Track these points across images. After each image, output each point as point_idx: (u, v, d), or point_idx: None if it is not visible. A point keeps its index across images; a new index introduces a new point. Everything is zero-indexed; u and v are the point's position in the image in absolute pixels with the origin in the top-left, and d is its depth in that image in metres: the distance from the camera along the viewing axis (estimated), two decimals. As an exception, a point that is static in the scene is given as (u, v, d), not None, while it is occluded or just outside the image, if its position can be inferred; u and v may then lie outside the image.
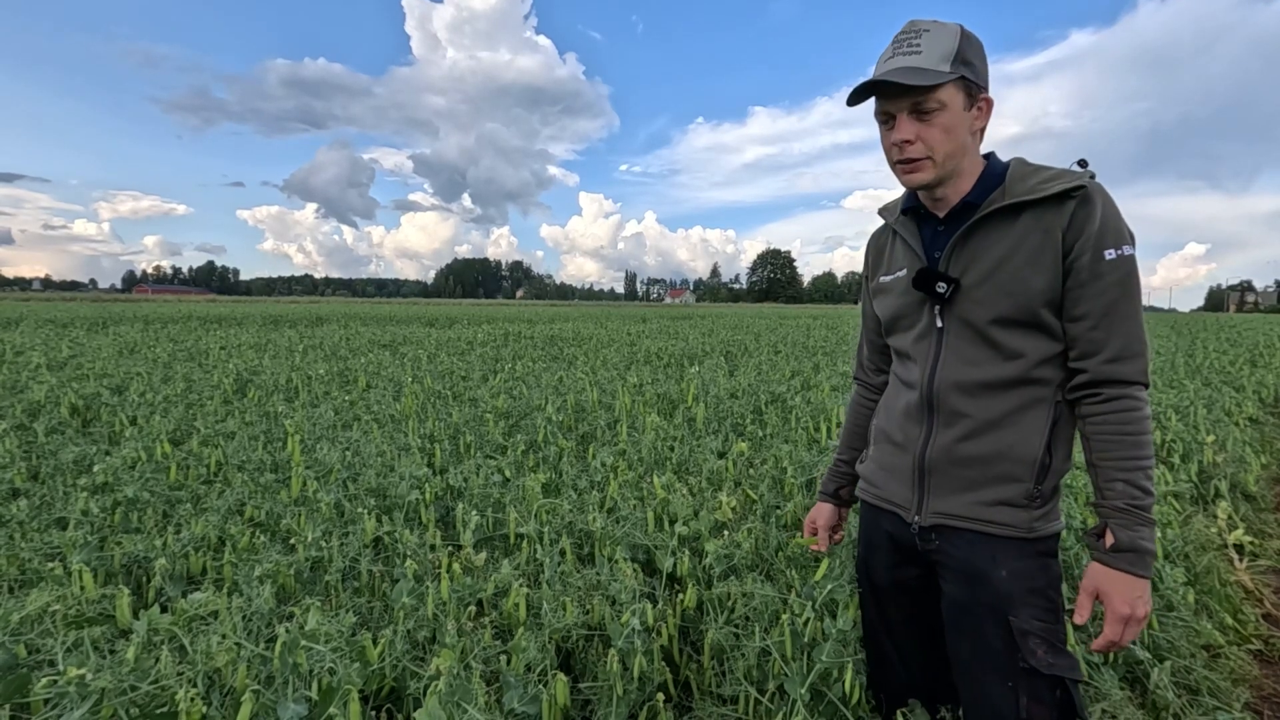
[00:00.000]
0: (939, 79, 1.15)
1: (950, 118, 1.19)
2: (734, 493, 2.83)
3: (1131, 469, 1.16)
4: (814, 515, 1.69)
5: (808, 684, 1.59)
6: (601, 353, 8.78)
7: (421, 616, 1.64)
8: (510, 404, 4.50)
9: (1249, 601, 3.46)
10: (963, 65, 1.17)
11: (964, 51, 1.17)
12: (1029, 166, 1.25)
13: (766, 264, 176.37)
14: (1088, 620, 1.17)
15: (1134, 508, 1.14)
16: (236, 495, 2.52)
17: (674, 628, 2.17)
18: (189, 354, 8.44)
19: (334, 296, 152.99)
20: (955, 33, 1.18)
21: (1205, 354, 9.87)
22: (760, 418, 4.37)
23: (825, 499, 1.67)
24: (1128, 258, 1.16)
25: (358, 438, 3.52)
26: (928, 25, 1.19)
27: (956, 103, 1.18)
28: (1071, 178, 1.17)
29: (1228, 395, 6.46)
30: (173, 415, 4.28)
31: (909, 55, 1.18)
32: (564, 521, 2.50)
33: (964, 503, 1.26)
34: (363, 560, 2.07)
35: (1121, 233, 1.16)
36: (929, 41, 1.17)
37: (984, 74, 1.22)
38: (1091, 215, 1.15)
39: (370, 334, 13.22)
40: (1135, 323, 1.17)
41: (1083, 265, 1.16)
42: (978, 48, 1.21)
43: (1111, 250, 1.15)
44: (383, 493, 2.67)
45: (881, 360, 1.59)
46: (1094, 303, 1.17)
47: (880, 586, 1.49)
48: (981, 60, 1.21)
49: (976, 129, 1.24)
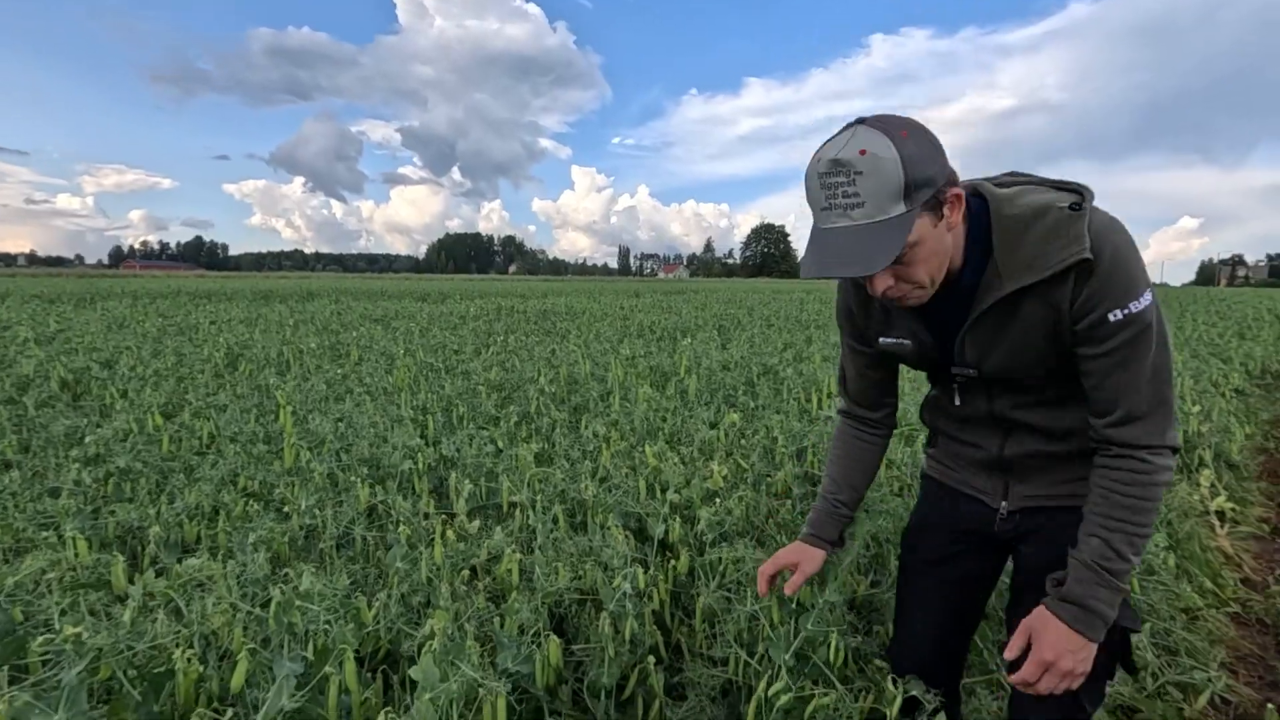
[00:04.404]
0: (897, 244, 0.97)
1: (926, 247, 1.04)
2: (725, 461, 2.85)
3: (1114, 529, 1.09)
4: (799, 560, 1.44)
5: (792, 650, 1.62)
6: (594, 326, 8.78)
7: (415, 581, 1.66)
8: (503, 376, 4.51)
9: (1229, 566, 3.54)
10: (917, 190, 0.98)
11: (912, 172, 0.96)
12: (1013, 218, 1.09)
13: (760, 239, 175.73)
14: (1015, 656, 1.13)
15: (1101, 567, 1.09)
16: (230, 466, 2.53)
17: (665, 593, 2.21)
18: (179, 329, 8.38)
19: (325, 272, 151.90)
20: (894, 160, 0.95)
21: (1194, 326, 9.95)
22: (752, 389, 4.39)
23: (819, 543, 1.46)
24: (1137, 314, 1.04)
25: (350, 410, 3.52)
26: (859, 162, 0.96)
27: (925, 229, 1.02)
28: (1067, 244, 1.03)
29: (1215, 367, 6.53)
30: (164, 389, 4.27)
31: (849, 210, 0.98)
32: (556, 490, 2.52)
33: (1050, 485, 1.26)
34: (357, 527, 2.09)
35: (1130, 287, 1.03)
36: (868, 185, 0.96)
37: (941, 168, 1.01)
38: (1097, 281, 1.04)
39: (362, 308, 13.16)
40: (1148, 381, 1.07)
41: (1089, 329, 1.06)
42: (925, 146, 0.99)
43: (1117, 311, 1.04)
44: (376, 463, 2.68)
45: (883, 395, 1.44)
46: (1100, 363, 1.08)
47: (930, 561, 1.45)
48: (932, 157, 0.99)
49: (954, 226, 1.08)
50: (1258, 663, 2.78)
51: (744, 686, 1.84)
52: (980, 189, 1.15)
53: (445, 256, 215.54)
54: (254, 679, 1.24)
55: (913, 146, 0.97)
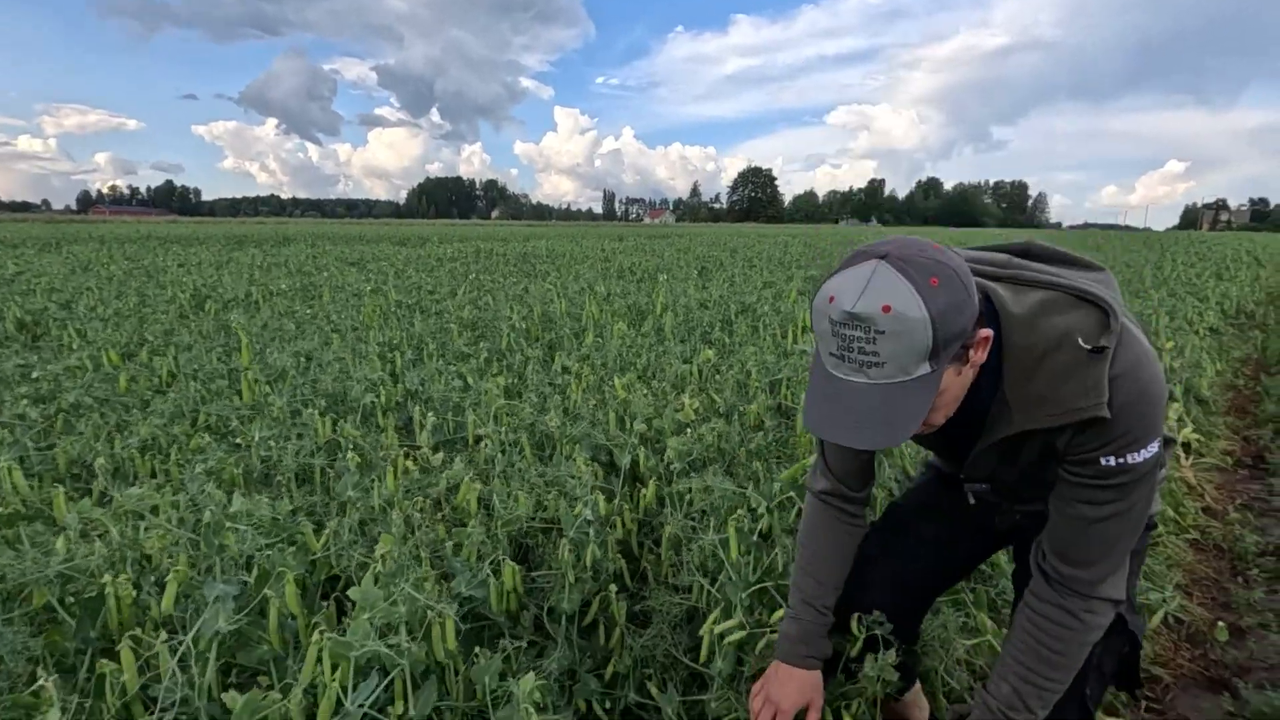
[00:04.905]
0: (922, 409, 0.85)
1: (947, 395, 0.93)
2: (697, 395, 2.82)
3: (1029, 680, 1.03)
4: (810, 698, 1.23)
5: (749, 590, 1.61)
6: (574, 268, 8.64)
7: (369, 508, 1.63)
8: (476, 314, 4.43)
9: (1190, 496, 3.61)
10: (946, 347, 0.84)
11: (943, 332, 0.82)
12: (1026, 350, 0.95)
13: (747, 182, 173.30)
14: None
15: (1006, 718, 1.04)
16: (185, 400, 2.46)
17: (631, 521, 2.20)
18: (146, 272, 8.14)
19: (303, 218, 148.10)
20: (924, 321, 0.81)
21: (1174, 267, 9.98)
22: (730, 327, 4.35)
23: (816, 664, 1.25)
24: (1134, 465, 0.93)
25: (317, 347, 3.44)
26: (882, 321, 0.81)
27: (950, 378, 0.90)
28: (1084, 393, 0.90)
29: (1190, 305, 6.57)
30: (125, 328, 4.15)
31: (865, 368, 0.85)
32: (524, 423, 2.48)
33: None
34: (317, 460, 2.04)
35: (1139, 436, 0.92)
36: (890, 347, 0.82)
37: (972, 311, 0.86)
38: (1105, 430, 0.93)
39: (338, 253, 12.86)
40: (1115, 531, 0.97)
41: (1079, 461, 0.97)
42: (956, 293, 0.84)
43: (1113, 458, 0.93)
44: (339, 398, 2.63)
45: (870, 471, 1.29)
46: (1075, 490, 0.98)
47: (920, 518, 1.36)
48: (963, 304, 0.84)
49: (978, 363, 0.94)
50: (1212, 585, 2.86)
51: (706, 614, 1.85)
52: (991, 296, 0.97)
53: (426, 201, 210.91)
54: (198, 603, 1.20)
55: (944, 299, 0.82)
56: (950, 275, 0.84)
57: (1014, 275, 0.99)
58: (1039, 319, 0.94)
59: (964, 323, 0.85)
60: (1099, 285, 0.97)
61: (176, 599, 1.13)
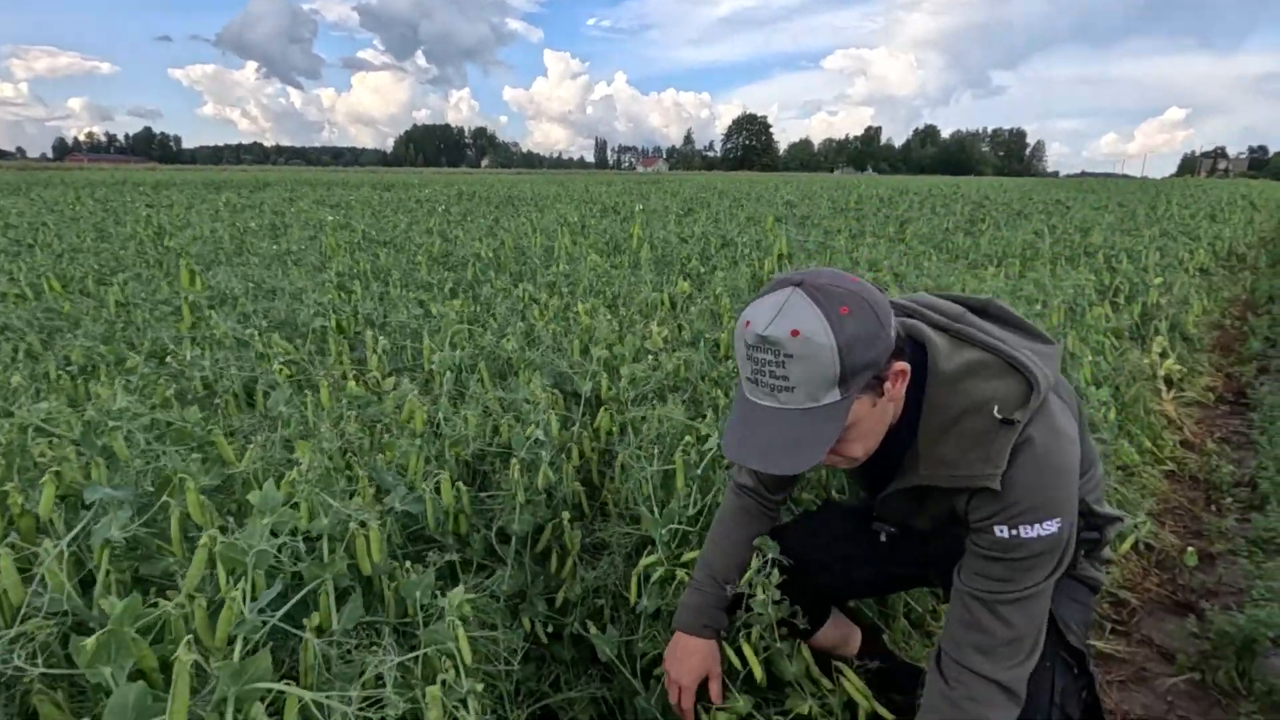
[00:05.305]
0: (829, 437, 0.86)
1: (863, 427, 0.93)
2: (666, 323, 2.72)
3: None
4: (708, 668, 1.27)
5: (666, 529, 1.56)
6: (556, 207, 8.41)
7: (302, 426, 1.54)
8: (446, 247, 4.27)
9: (1170, 429, 3.59)
10: (855, 377, 0.85)
11: (850, 361, 0.84)
12: (943, 409, 0.96)
13: (742, 130, 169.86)
14: None
15: None
16: (119, 322, 2.34)
17: (592, 450, 2.13)
18: (114, 214, 7.87)
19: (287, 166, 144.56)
20: (830, 349, 0.83)
21: (1168, 208, 9.83)
22: (709, 262, 4.22)
23: (713, 635, 1.28)
24: (1028, 540, 0.92)
25: (274, 275, 3.30)
26: (790, 344, 0.83)
27: (863, 410, 0.90)
28: (982, 462, 0.92)
29: (1182, 244, 6.47)
30: (80, 261, 3.98)
31: (776, 392, 0.87)
32: (483, 350, 2.38)
33: None
34: (260, 380, 1.94)
35: (1034, 512, 0.92)
36: (798, 371, 0.84)
37: (884, 344, 0.87)
38: (995, 501, 0.93)
39: (317, 195, 12.50)
40: (1010, 612, 0.95)
41: (976, 529, 0.97)
42: (867, 324, 0.85)
43: (1004, 529, 0.93)
44: (290, 324, 2.51)
45: (788, 485, 1.35)
46: (972, 563, 0.98)
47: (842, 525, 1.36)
48: (874, 336, 0.86)
49: (896, 398, 0.96)
50: (1184, 514, 2.85)
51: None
52: (927, 347, 0.98)
53: (414, 150, 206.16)
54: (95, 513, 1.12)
55: (852, 328, 0.84)
56: (862, 305, 0.86)
57: (959, 330, 1.00)
58: (963, 380, 0.95)
59: (874, 354, 0.86)
60: (1039, 358, 0.97)
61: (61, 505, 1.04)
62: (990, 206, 9.34)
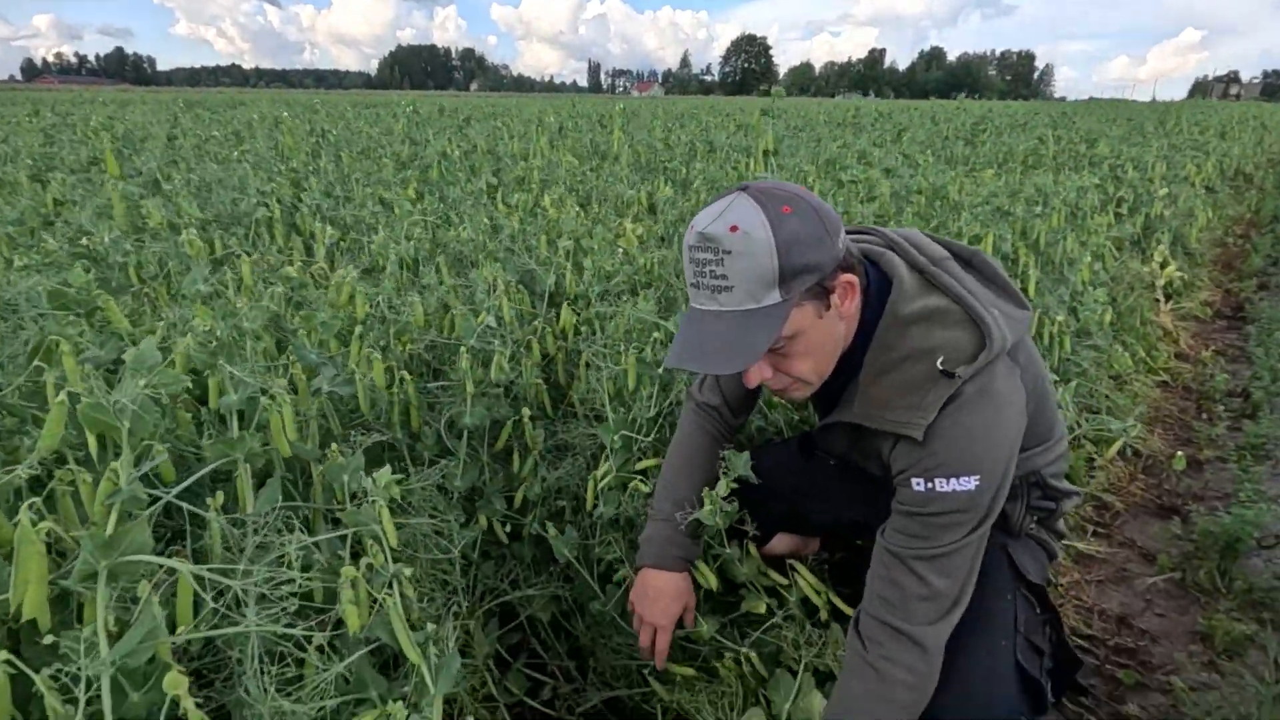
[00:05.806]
0: (765, 339, 0.84)
1: (809, 339, 0.91)
2: (640, 221, 2.55)
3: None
4: (685, 602, 1.21)
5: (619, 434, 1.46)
6: (539, 116, 8.01)
7: (225, 305, 1.39)
8: (415, 150, 4.02)
9: (1165, 341, 3.49)
10: (795, 278, 0.84)
11: (788, 258, 0.83)
12: (888, 349, 0.94)
13: (741, 52, 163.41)
14: None
15: None
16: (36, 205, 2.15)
17: (556, 348, 2.00)
18: (71, 126, 7.45)
19: (267, 89, 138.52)
20: (768, 243, 0.82)
21: (1177, 122, 9.47)
22: (693, 166, 3.99)
23: (683, 564, 1.22)
24: (945, 493, 0.88)
25: (225, 173, 3.08)
26: (728, 240, 0.82)
27: (807, 319, 0.88)
28: (912, 409, 0.90)
29: (1190, 157, 6.21)
30: (19, 163, 3.74)
31: (716, 293, 0.85)
32: (442, 245, 2.21)
33: None
34: (195, 269, 1.78)
35: (952, 467, 0.88)
36: (737, 268, 0.83)
37: (829, 251, 0.86)
38: (916, 451, 0.91)
39: (291, 114, 11.91)
40: (928, 566, 0.91)
41: (897, 478, 0.95)
42: (809, 226, 0.84)
43: (921, 480, 0.90)
44: (234, 217, 2.33)
45: (750, 405, 1.33)
46: (892, 520, 0.96)
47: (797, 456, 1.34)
48: (817, 239, 0.84)
49: (847, 315, 0.93)
50: (1175, 422, 2.77)
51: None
52: (894, 283, 0.96)
53: (399, 72, 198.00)
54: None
55: (794, 226, 0.83)
56: (806, 209, 0.85)
57: (933, 274, 0.96)
58: (916, 325, 0.93)
59: (817, 257, 0.85)
60: (1006, 320, 0.93)
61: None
62: (993, 117, 8.97)
